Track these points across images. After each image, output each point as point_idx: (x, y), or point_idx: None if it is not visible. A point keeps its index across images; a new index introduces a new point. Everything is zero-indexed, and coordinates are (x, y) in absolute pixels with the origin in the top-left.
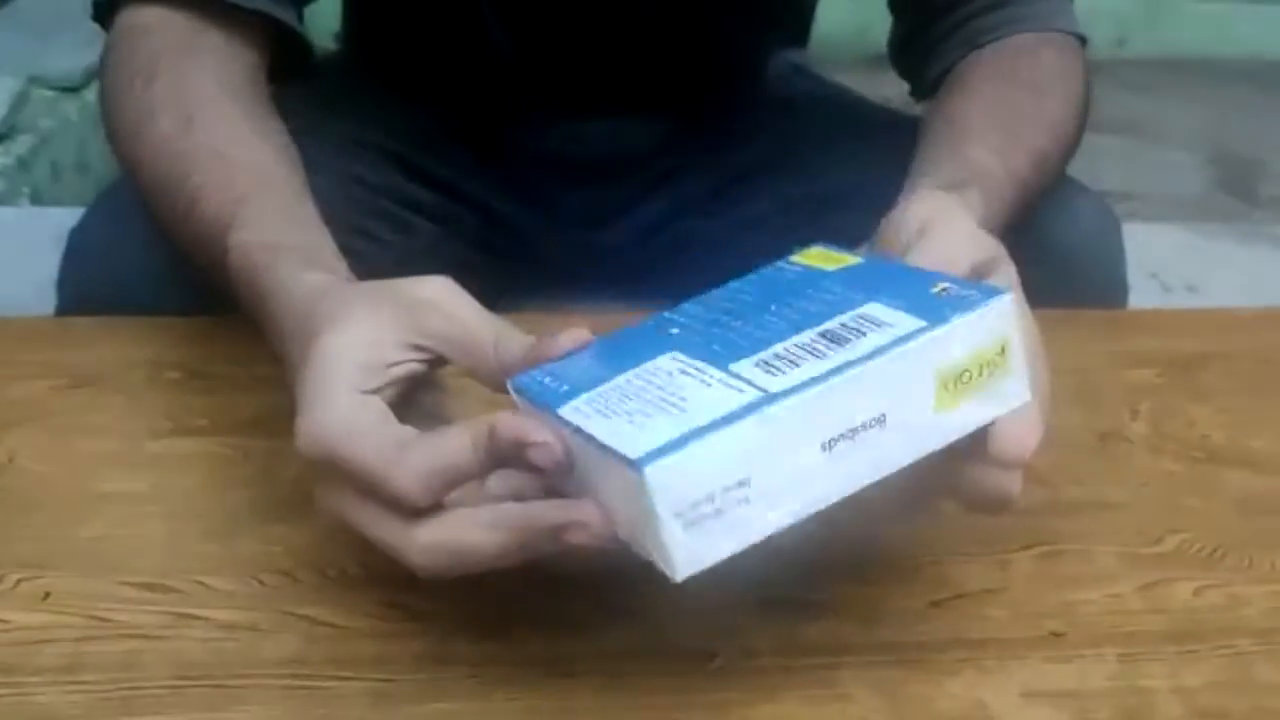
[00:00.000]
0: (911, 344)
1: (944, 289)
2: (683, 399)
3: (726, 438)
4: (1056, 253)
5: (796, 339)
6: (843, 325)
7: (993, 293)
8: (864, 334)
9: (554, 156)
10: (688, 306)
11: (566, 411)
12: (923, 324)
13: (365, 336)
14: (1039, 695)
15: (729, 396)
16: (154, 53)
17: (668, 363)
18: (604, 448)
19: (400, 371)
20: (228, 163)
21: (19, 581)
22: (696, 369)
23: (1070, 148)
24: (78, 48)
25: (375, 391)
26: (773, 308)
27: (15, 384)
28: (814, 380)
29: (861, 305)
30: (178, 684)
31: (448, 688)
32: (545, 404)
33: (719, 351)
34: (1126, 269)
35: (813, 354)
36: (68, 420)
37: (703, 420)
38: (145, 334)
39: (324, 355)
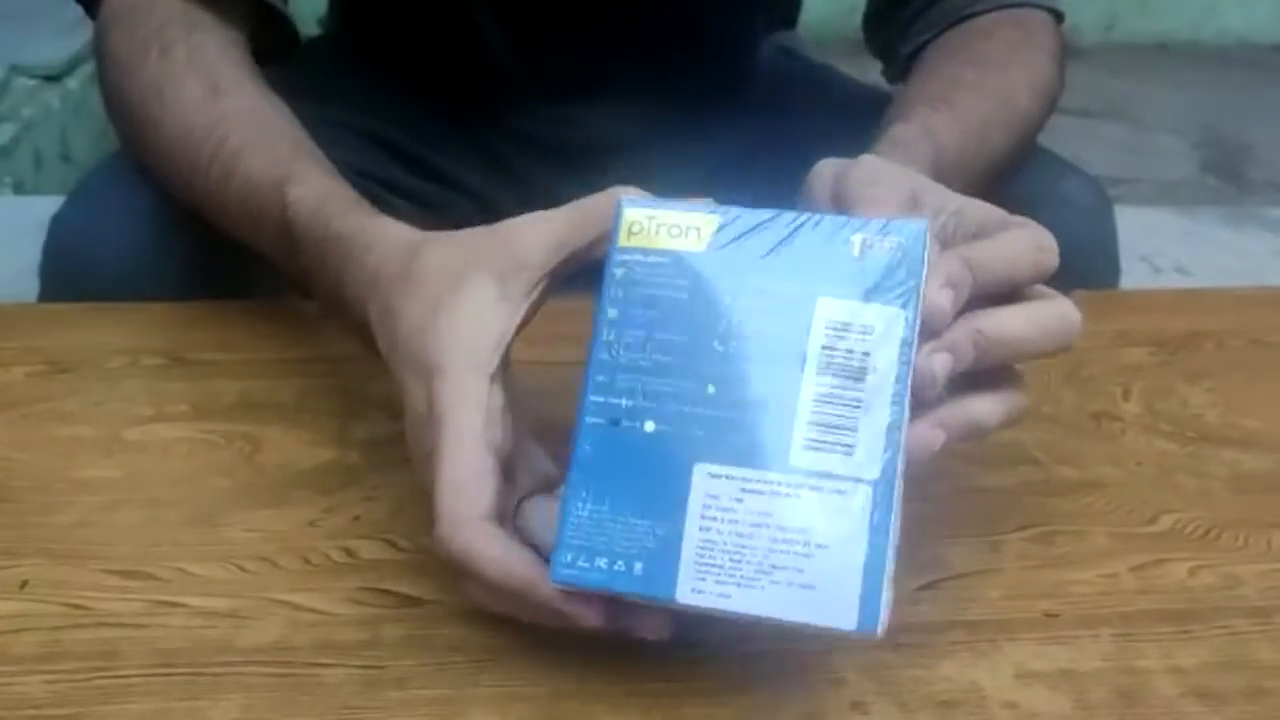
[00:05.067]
0: (912, 335)
1: (861, 242)
2: (804, 534)
3: (890, 552)
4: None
5: (810, 393)
6: (827, 350)
7: (902, 229)
8: (864, 354)
9: (544, 141)
10: (598, 381)
11: (687, 596)
12: (900, 312)
13: (490, 294)
14: (1034, 676)
15: (840, 508)
16: (161, 25)
17: (710, 483)
18: (794, 624)
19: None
20: (265, 125)
21: None
22: (759, 483)
23: (1026, 118)
24: (59, 36)
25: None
26: (715, 344)
27: None
28: (889, 451)
29: (810, 302)
30: (157, 672)
31: (433, 673)
32: (653, 596)
33: (745, 447)
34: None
35: (848, 407)
36: (46, 407)
37: (859, 556)
38: (125, 320)
39: (456, 339)
